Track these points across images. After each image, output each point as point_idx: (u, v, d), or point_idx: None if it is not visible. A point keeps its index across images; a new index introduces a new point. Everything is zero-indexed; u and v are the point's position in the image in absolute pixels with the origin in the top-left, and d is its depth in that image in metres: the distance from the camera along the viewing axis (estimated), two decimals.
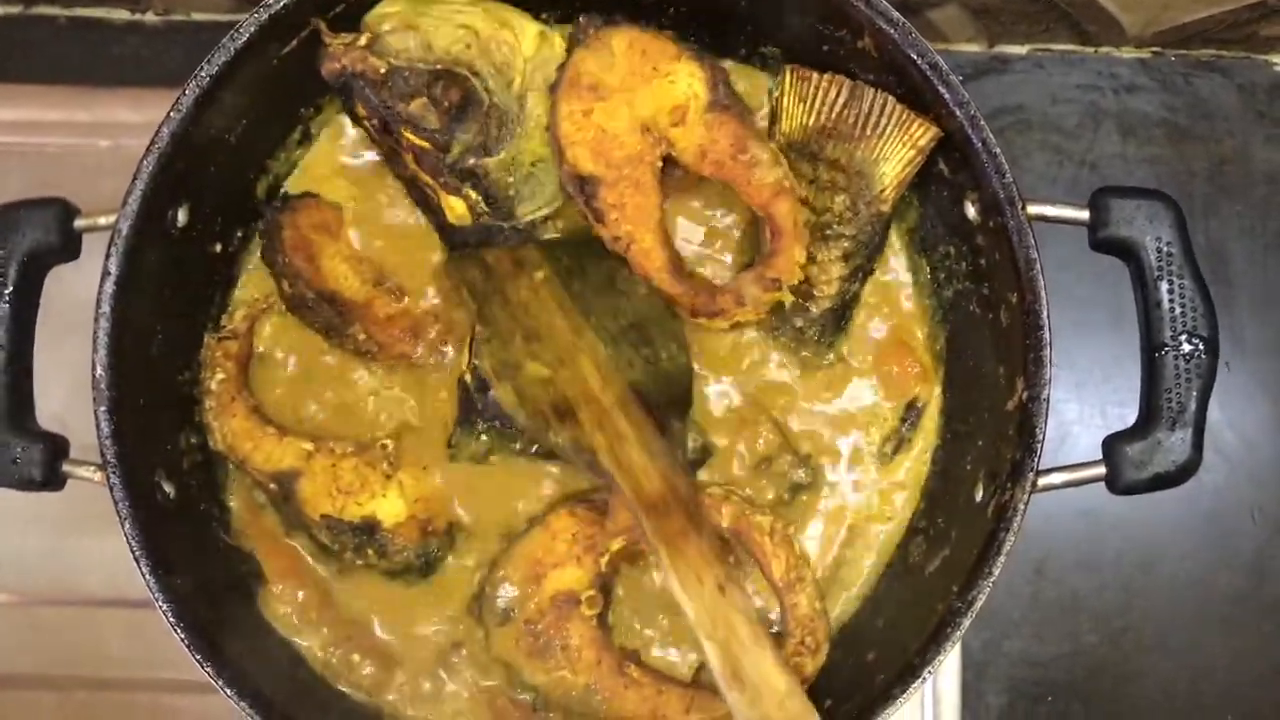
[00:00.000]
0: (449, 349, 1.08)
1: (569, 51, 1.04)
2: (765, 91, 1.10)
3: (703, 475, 1.08)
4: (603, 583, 1.04)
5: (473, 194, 1.04)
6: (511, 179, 1.04)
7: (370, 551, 1.05)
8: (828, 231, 1.05)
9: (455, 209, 1.05)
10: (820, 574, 1.08)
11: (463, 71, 1.02)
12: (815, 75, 1.04)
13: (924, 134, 1.01)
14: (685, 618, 0.93)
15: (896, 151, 1.02)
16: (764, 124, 1.08)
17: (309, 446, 1.05)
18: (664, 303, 1.05)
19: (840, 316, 1.08)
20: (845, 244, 1.05)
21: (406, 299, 1.09)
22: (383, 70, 1.01)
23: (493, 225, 1.06)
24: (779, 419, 1.09)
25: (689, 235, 1.11)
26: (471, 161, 1.03)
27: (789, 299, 1.05)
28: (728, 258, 1.11)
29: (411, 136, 1.02)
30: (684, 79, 1.03)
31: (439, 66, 1.02)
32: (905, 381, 1.10)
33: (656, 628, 1.07)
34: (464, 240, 1.07)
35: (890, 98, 1.01)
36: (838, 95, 1.03)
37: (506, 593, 1.03)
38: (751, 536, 1.03)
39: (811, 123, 1.04)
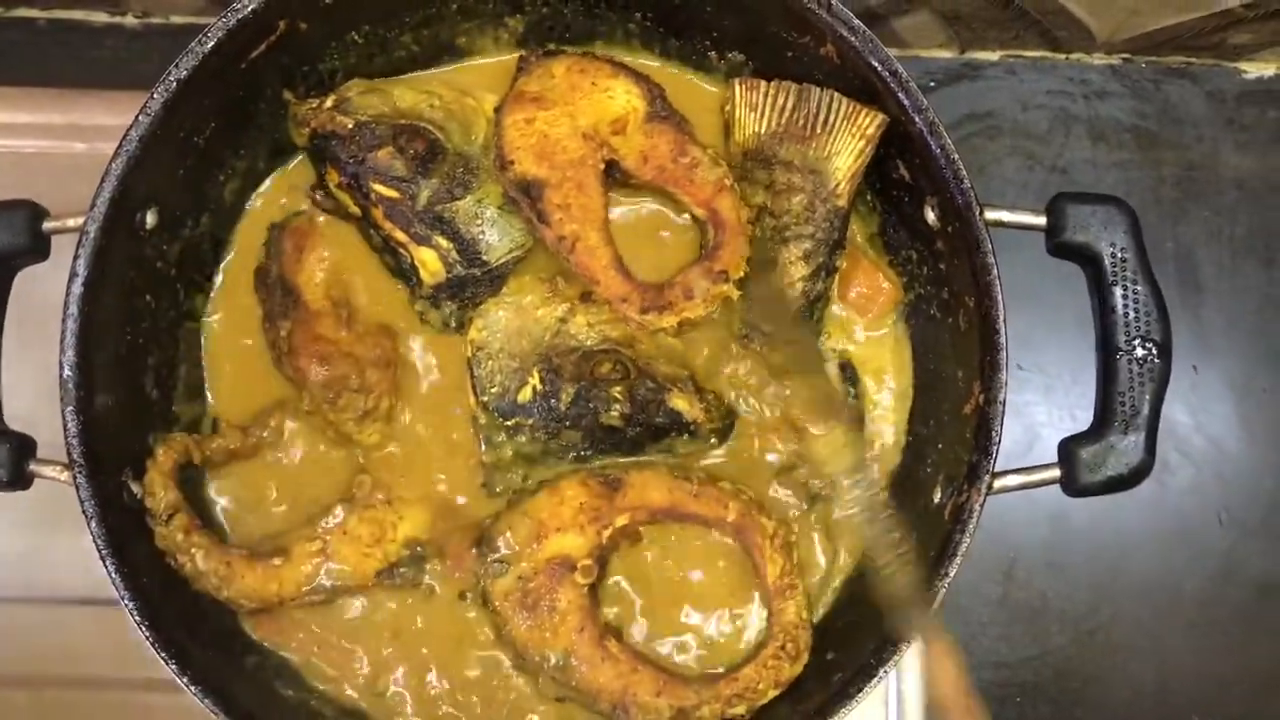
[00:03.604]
0: (341, 402, 1.04)
1: (513, 82, 1.08)
2: (716, 108, 1.12)
3: (726, 463, 1.09)
4: (601, 555, 1.05)
5: (444, 242, 1.06)
6: (480, 222, 1.06)
7: (428, 568, 1.07)
8: (787, 234, 1.06)
9: (428, 264, 1.06)
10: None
11: (426, 125, 1.06)
12: (763, 84, 1.06)
13: (871, 122, 1.03)
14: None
15: (847, 144, 1.04)
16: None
17: (313, 546, 1.04)
18: None
19: (809, 316, 1.09)
20: (806, 244, 1.06)
21: (346, 332, 1.06)
22: (350, 125, 1.05)
23: (465, 276, 1.07)
24: (802, 427, 1.10)
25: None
26: (440, 207, 1.05)
27: (735, 294, 1.06)
28: None
29: (380, 188, 1.05)
30: (621, 94, 1.07)
31: (404, 122, 1.05)
32: (875, 298, 1.11)
33: (648, 615, 1.08)
34: (437, 299, 1.08)
35: (836, 94, 1.04)
36: (786, 99, 1.05)
37: (505, 546, 1.04)
38: (753, 538, 1.05)
39: (764, 129, 1.06)
